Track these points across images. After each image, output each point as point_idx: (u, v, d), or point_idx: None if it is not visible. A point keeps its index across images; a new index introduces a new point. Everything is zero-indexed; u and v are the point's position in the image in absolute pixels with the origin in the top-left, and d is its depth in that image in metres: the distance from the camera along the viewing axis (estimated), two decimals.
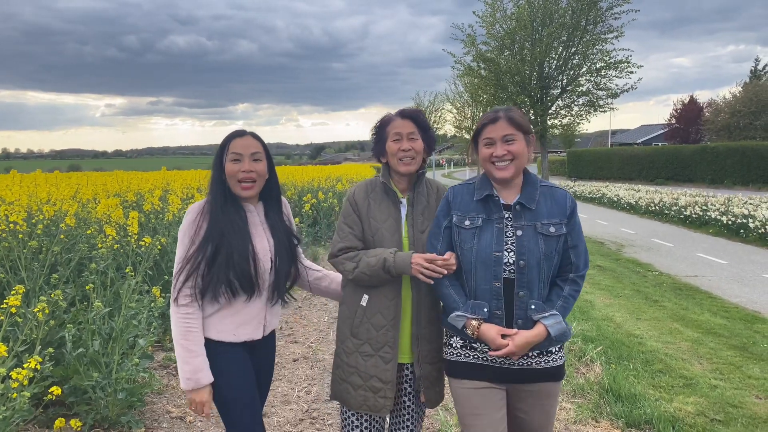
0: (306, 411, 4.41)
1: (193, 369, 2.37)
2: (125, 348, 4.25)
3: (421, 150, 2.57)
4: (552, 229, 2.29)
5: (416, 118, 2.59)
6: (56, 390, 3.02)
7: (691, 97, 54.44)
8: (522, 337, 2.24)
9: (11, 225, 4.65)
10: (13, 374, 2.85)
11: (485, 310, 2.30)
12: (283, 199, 2.74)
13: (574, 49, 13.62)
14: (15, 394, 2.94)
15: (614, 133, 74.87)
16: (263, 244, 2.51)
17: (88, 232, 5.39)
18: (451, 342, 2.46)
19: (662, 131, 57.74)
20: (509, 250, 2.28)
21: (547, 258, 2.28)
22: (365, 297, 2.54)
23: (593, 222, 18.95)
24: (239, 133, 2.51)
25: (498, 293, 2.29)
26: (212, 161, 2.55)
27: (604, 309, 7.25)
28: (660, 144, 50.88)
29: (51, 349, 3.48)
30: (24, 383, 2.89)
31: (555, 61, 13.93)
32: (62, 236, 5.02)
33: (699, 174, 35.19)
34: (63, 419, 3.00)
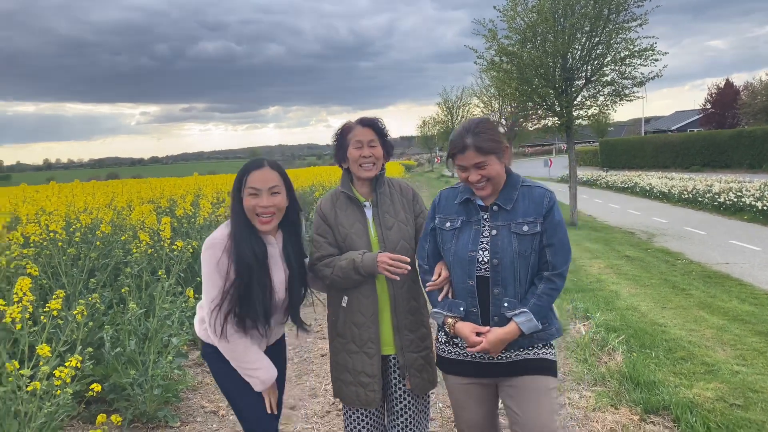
0: (332, 404, 4.59)
1: (264, 372, 2.54)
2: (160, 347, 4.48)
3: (380, 156, 2.73)
4: (525, 228, 2.35)
5: (375, 126, 2.75)
6: (96, 387, 3.22)
7: (727, 80, 53.14)
8: (494, 334, 2.31)
9: (51, 234, 4.93)
10: (56, 372, 3.08)
11: (461, 309, 2.40)
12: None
13: (597, 39, 13.49)
14: (59, 391, 3.17)
15: (648, 120, 73.53)
16: (279, 277, 2.56)
17: (123, 238, 5.66)
18: (438, 337, 2.60)
19: (697, 117, 56.44)
20: (484, 249, 2.37)
21: (521, 256, 2.34)
22: (345, 298, 2.72)
23: (624, 212, 18.75)
24: (257, 165, 2.49)
25: (472, 291, 2.38)
26: (232, 190, 2.54)
27: (629, 299, 7.26)
28: (695, 130, 49.80)
29: (90, 349, 3.72)
30: (66, 381, 3.11)
31: (578, 52, 13.82)
32: (98, 243, 5.29)
33: (736, 159, 34.34)
34: (104, 415, 3.18)
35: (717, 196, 17.69)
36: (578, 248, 11.48)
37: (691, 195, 19.76)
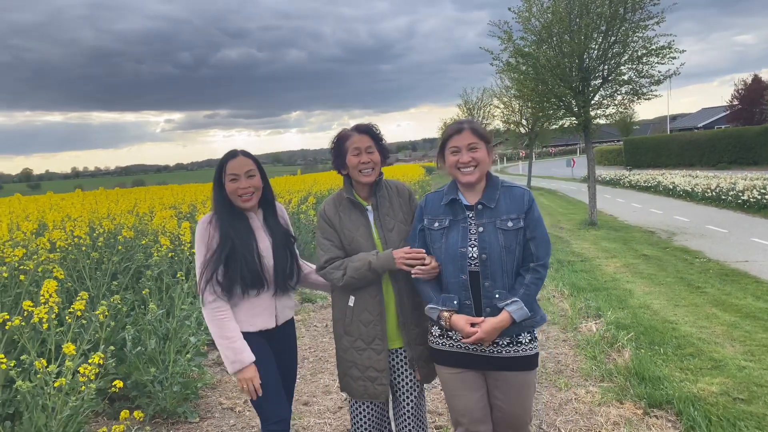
0: (344, 399, 4.75)
1: (235, 351, 2.73)
2: (179, 346, 4.68)
3: (378, 161, 2.88)
4: (510, 224, 2.56)
5: (371, 132, 2.90)
6: (119, 383, 3.40)
7: (755, 75, 52.21)
8: (488, 324, 2.51)
9: (76, 239, 5.18)
10: (81, 369, 3.28)
11: (455, 302, 2.59)
12: (278, 204, 3.13)
13: (613, 39, 13.45)
14: (83, 387, 3.36)
15: (674, 118, 72.52)
16: (265, 243, 2.89)
17: (143, 242, 5.89)
18: (432, 331, 2.77)
19: (724, 113, 55.55)
20: (473, 246, 2.57)
21: (507, 250, 2.54)
22: (352, 298, 2.87)
23: (647, 211, 18.61)
24: (232, 155, 2.87)
25: (465, 285, 2.57)
26: (213, 181, 2.92)
27: (642, 297, 7.30)
28: (722, 127, 48.99)
29: (113, 348, 3.93)
30: (91, 377, 3.31)
31: (595, 52, 13.79)
32: (120, 247, 5.53)
33: (764, 156, 33.72)
34: (127, 411, 3.35)
35: (741, 194, 17.47)
36: (595, 248, 11.49)
37: (714, 193, 19.53)
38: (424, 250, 2.69)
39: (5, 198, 9.69)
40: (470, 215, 2.62)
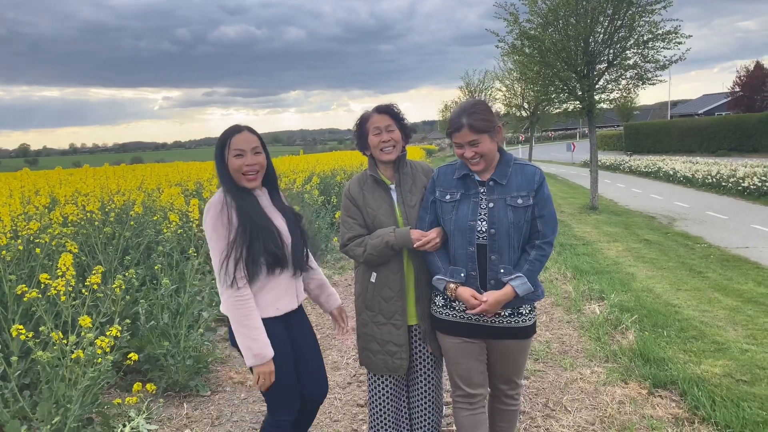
0: (354, 375, 4.83)
1: (261, 345, 2.58)
2: (191, 321, 4.74)
3: (399, 139, 2.92)
4: (520, 201, 2.63)
5: (391, 111, 2.93)
6: (134, 356, 3.45)
7: (757, 62, 51.98)
8: (493, 296, 2.61)
9: (88, 214, 5.22)
10: (98, 341, 3.32)
11: (462, 274, 2.68)
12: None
13: (619, 22, 13.39)
14: (100, 359, 3.42)
15: (675, 104, 72.24)
16: (279, 221, 2.78)
17: (155, 218, 5.93)
18: (435, 301, 2.87)
19: (725, 100, 55.35)
20: (482, 220, 2.64)
21: (515, 226, 2.62)
22: (374, 274, 2.93)
23: (647, 197, 18.69)
24: (237, 129, 2.71)
25: (472, 257, 2.65)
26: (214, 158, 2.74)
27: (645, 281, 7.38)
28: (723, 114, 48.90)
29: (128, 321, 3.99)
30: (107, 350, 3.36)
31: (601, 36, 13.73)
32: (132, 223, 5.57)
33: (764, 143, 33.77)
34: (140, 384, 3.39)
35: (741, 181, 17.55)
36: (597, 232, 11.56)
37: (714, 180, 19.60)
38: (436, 233, 2.76)
39: (16, 173, 9.69)
40: (482, 190, 2.69)
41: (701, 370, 4.46)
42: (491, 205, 2.64)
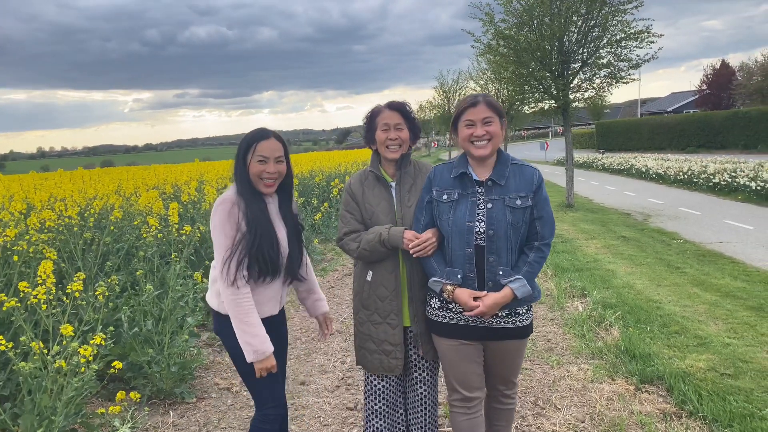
0: (342, 378, 4.79)
1: (261, 340, 2.63)
2: (175, 327, 4.66)
3: (407, 138, 2.90)
4: (518, 202, 2.60)
5: (402, 109, 2.91)
6: (118, 364, 3.36)
7: (722, 61, 53.16)
8: (491, 298, 2.57)
9: (66, 219, 5.09)
10: (81, 350, 3.24)
11: (459, 276, 2.65)
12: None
13: (593, 22, 13.55)
14: (83, 369, 3.33)
15: (644, 102, 73.49)
16: (281, 232, 2.79)
17: (135, 223, 5.82)
18: (431, 303, 2.83)
19: (693, 98, 56.48)
20: (480, 221, 2.61)
21: (513, 228, 2.59)
22: (370, 273, 2.91)
23: (621, 194, 18.95)
24: (264, 135, 2.71)
25: (470, 258, 2.62)
26: (236, 156, 2.74)
27: (625, 277, 7.46)
28: (691, 111, 49.87)
29: (111, 328, 3.89)
30: (90, 359, 3.27)
31: (575, 35, 13.88)
32: (112, 228, 5.45)
33: (731, 140, 34.54)
34: (123, 392, 3.32)
35: (712, 177, 17.90)
36: (575, 229, 11.68)
37: (686, 176, 19.97)
38: (430, 235, 2.71)
39: None
40: (480, 190, 2.65)
41: (686, 365, 4.52)
42: (489, 205, 2.61)
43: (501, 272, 2.60)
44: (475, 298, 2.60)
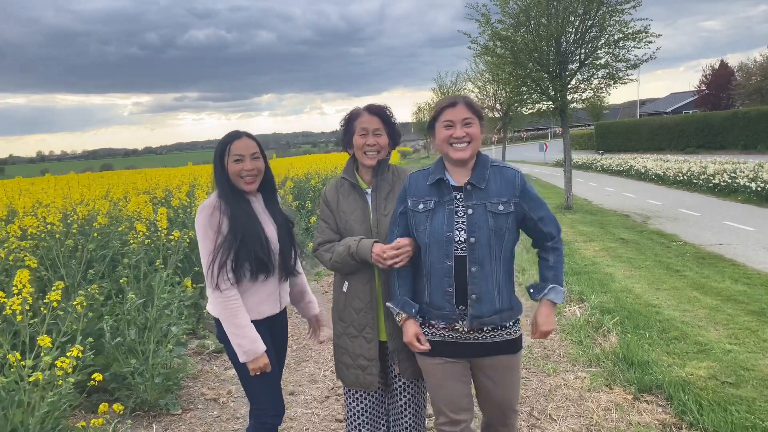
0: (331, 389, 4.65)
1: (250, 340, 2.64)
2: (159, 336, 4.52)
3: (385, 145, 2.76)
4: (501, 207, 2.43)
5: (382, 114, 2.76)
6: (98, 376, 3.25)
7: (722, 61, 53.06)
8: (542, 316, 2.56)
9: (49, 226, 4.96)
10: (58, 363, 3.12)
11: (413, 311, 2.54)
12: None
13: (590, 22, 13.44)
14: (60, 381, 3.21)
15: (643, 103, 73.39)
16: (270, 228, 2.79)
17: (120, 229, 5.69)
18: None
19: (692, 98, 56.36)
20: (460, 229, 2.43)
21: (497, 234, 2.42)
22: (346, 284, 2.78)
23: (620, 195, 18.83)
24: (237, 136, 2.75)
25: (449, 271, 2.44)
26: (213, 161, 2.79)
27: (624, 281, 7.33)
28: (690, 112, 49.76)
29: (91, 339, 3.76)
30: (68, 371, 3.15)
31: (572, 35, 13.77)
32: (96, 234, 5.32)
33: (731, 140, 34.42)
34: (106, 404, 3.23)
35: (711, 178, 17.77)
36: (573, 231, 11.55)
37: (686, 177, 19.84)
38: (402, 245, 2.54)
39: None
40: (458, 196, 2.48)
41: (686, 373, 4.38)
42: (470, 211, 2.44)
43: (531, 291, 2.56)
44: (533, 324, 2.58)
